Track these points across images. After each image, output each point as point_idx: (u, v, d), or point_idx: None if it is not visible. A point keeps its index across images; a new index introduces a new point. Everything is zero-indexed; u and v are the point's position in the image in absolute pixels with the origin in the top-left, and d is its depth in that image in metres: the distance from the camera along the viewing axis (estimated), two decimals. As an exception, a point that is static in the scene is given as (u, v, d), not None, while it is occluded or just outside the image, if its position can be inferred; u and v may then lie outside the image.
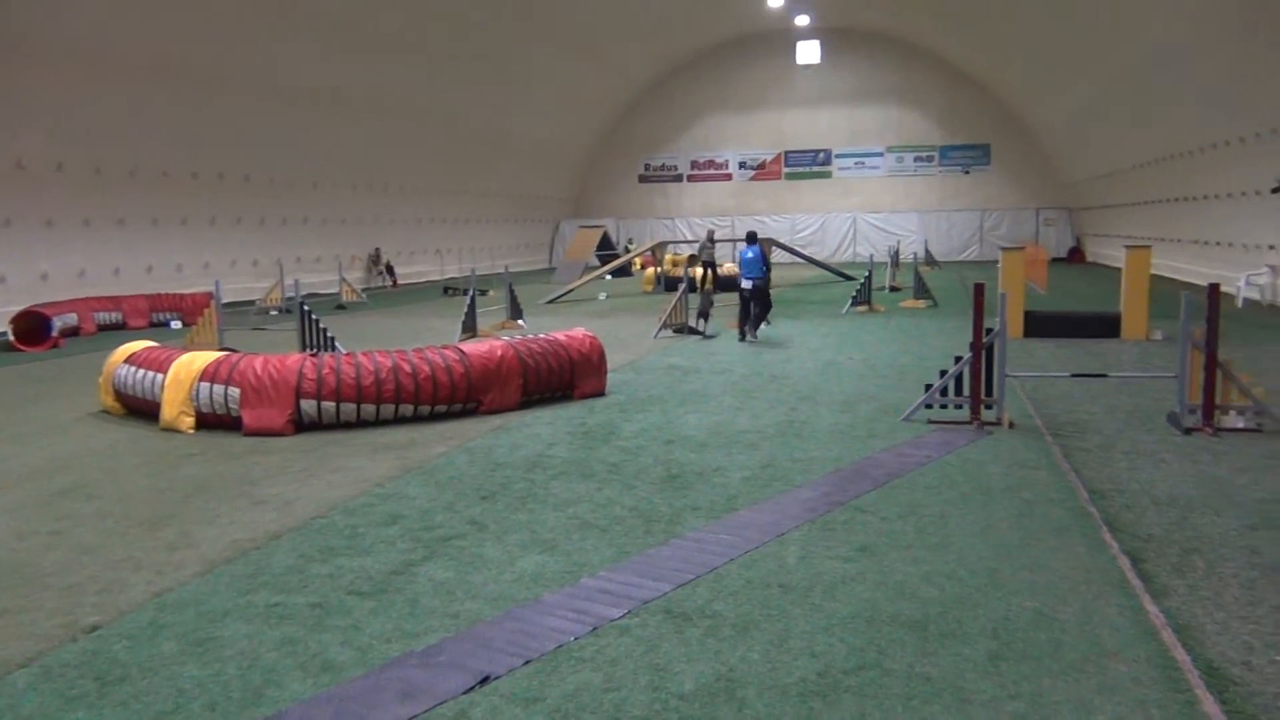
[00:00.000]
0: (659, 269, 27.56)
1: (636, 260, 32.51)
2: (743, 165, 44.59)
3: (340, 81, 26.17)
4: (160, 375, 9.32)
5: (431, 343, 11.88)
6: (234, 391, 9.01)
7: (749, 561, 5.31)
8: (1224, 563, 5.17)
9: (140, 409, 9.70)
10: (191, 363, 9.29)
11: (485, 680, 3.95)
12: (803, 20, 38.15)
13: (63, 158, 19.72)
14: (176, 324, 19.81)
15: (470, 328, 15.98)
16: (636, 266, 33.24)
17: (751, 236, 16.50)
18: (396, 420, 9.30)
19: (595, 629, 4.45)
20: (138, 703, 3.85)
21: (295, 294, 13.27)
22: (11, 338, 16.31)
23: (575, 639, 4.34)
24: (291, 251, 26.68)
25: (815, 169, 43.81)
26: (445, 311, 21.45)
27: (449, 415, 9.53)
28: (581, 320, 17.97)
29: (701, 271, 23.02)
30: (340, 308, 23.55)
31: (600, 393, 10.69)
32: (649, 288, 27.12)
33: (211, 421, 9.15)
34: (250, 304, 22.48)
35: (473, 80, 31.38)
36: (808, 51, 41.52)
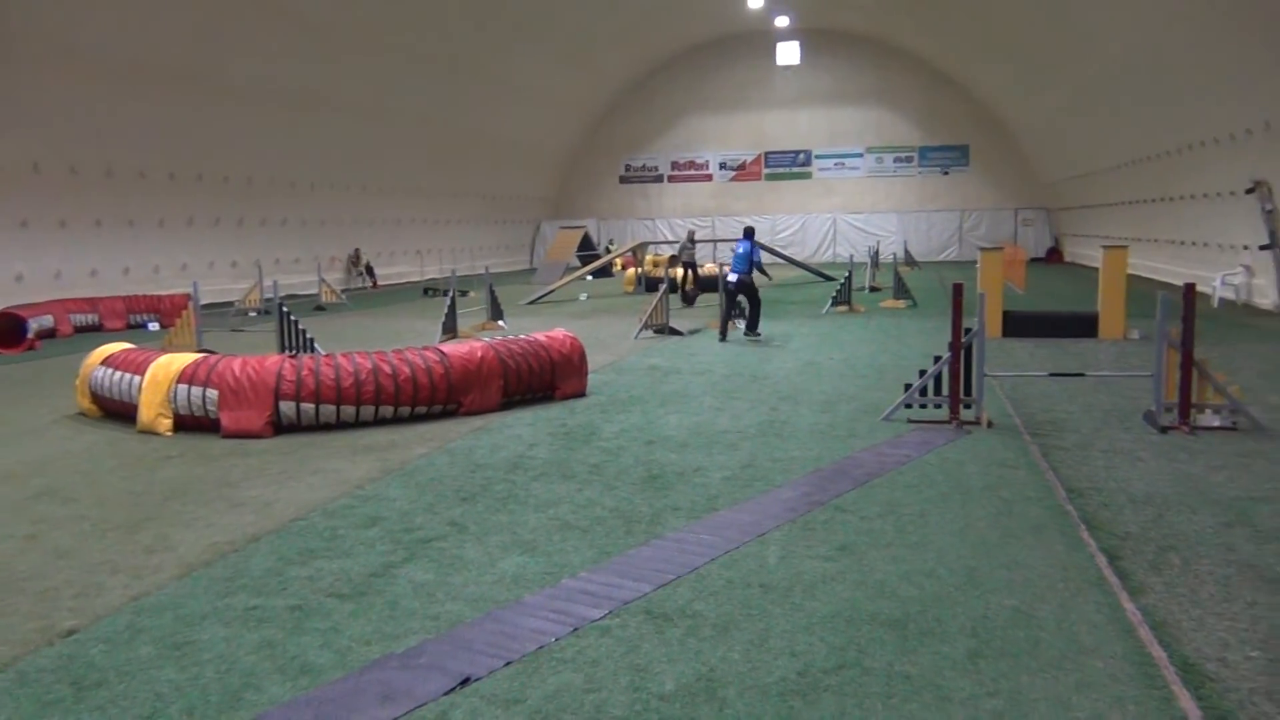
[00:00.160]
0: (640, 270, 27.56)
1: (617, 261, 32.52)
2: (723, 166, 44.69)
3: (319, 82, 26.02)
4: (138, 377, 9.24)
5: (412, 344, 11.83)
6: (212, 393, 8.95)
7: (729, 561, 5.32)
8: (1200, 560, 5.22)
9: (117, 411, 9.62)
10: (169, 364, 9.21)
11: (466, 682, 3.94)
12: (782, 21, 38.31)
13: (38, 158, 19.55)
14: (154, 326, 19.65)
15: (451, 329, 15.91)
16: (617, 267, 33.26)
17: (749, 232, 16.49)
18: (376, 422, 9.26)
19: (576, 630, 4.44)
20: (115, 707, 3.82)
21: (274, 295, 13.20)
22: (-14, 340, 16.14)
23: (556, 640, 4.34)
24: (270, 252, 26.50)
25: (795, 170, 43.97)
26: (425, 312, 21.37)
27: (429, 416, 9.50)
28: (562, 321, 17.95)
29: (682, 272, 23.06)
30: (320, 309, 23.43)
31: (581, 393, 10.69)
32: (630, 288, 27.07)
33: (190, 424, 9.08)
34: (229, 305, 22.29)
35: (452, 81, 31.29)
36: (788, 52, 41.77)
